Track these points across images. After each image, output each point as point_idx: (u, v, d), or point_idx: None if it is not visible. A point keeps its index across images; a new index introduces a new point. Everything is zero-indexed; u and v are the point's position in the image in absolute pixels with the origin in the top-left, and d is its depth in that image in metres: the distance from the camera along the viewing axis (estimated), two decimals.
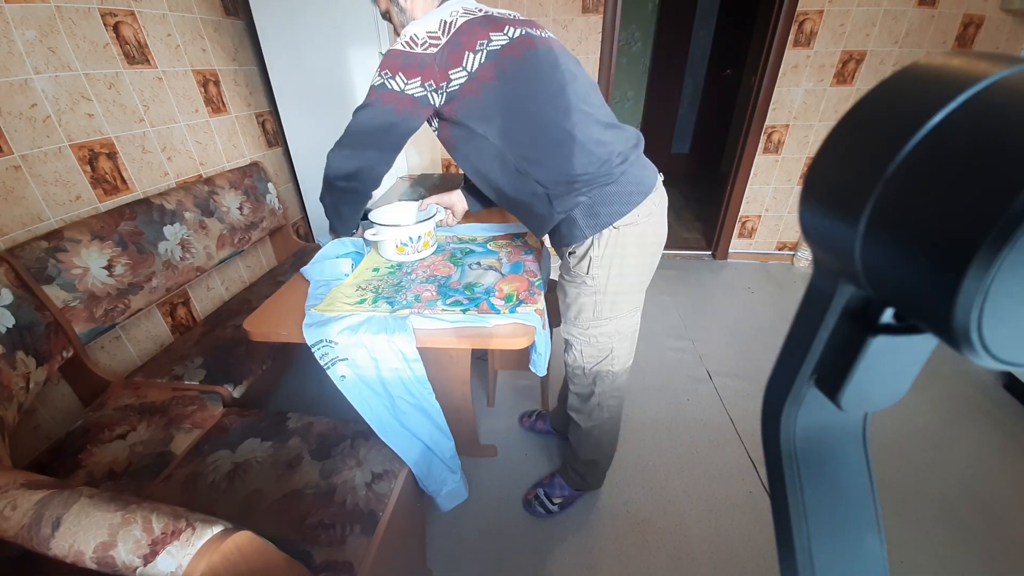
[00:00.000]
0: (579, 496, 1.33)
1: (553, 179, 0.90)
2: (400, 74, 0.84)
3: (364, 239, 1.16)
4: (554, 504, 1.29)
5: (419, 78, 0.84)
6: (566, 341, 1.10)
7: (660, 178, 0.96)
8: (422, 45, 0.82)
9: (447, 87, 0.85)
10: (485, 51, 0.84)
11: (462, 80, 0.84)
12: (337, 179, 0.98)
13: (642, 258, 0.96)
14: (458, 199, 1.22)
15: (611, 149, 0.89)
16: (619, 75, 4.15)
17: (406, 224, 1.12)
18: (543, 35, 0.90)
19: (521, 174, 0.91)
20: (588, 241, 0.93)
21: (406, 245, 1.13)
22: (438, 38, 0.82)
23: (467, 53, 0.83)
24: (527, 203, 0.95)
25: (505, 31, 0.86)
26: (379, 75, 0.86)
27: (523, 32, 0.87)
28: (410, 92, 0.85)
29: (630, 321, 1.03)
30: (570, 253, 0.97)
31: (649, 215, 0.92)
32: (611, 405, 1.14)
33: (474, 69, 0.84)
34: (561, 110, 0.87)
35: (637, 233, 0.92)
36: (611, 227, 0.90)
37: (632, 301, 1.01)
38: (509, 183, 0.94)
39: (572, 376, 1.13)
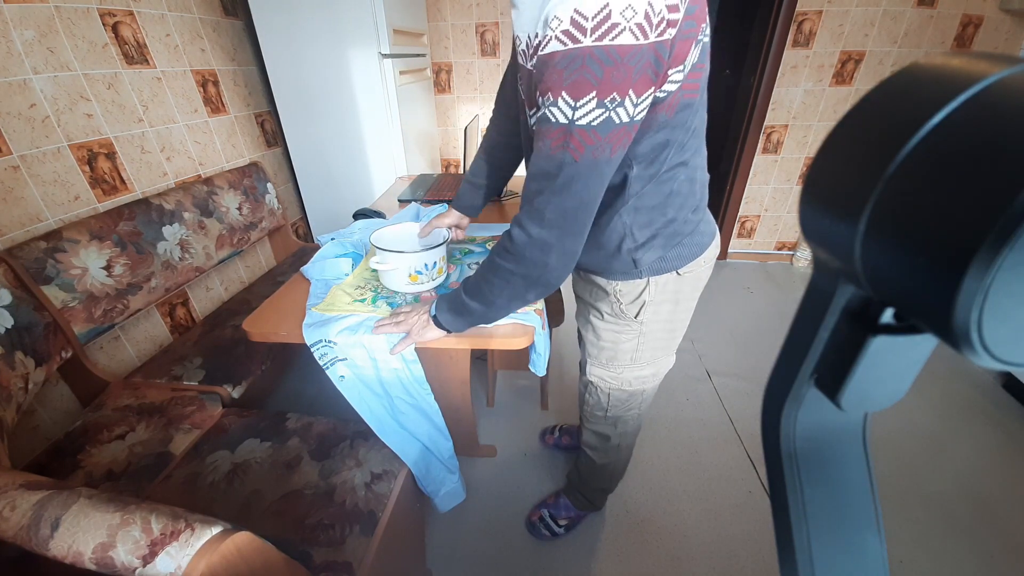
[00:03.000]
0: (584, 516, 1.29)
1: (645, 222, 0.70)
2: (632, 91, 0.50)
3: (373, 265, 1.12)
4: (560, 526, 1.25)
5: (653, 87, 0.52)
6: (588, 383, 0.99)
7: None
8: (658, 27, 0.48)
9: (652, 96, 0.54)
10: (702, 44, 0.56)
11: (673, 87, 0.55)
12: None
13: (694, 300, 0.85)
14: (457, 217, 1.07)
15: (701, 190, 0.74)
16: None
17: (416, 251, 0.92)
18: None
19: (618, 217, 0.70)
20: (643, 282, 0.78)
21: (420, 273, 0.95)
22: (676, 8, 0.49)
23: (692, 44, 0.53)
24: (598, 252, 0.76)
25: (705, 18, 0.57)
26: (596, 104, 0.50)
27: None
28: (639, 116, 0.53)
29: (668, 361, 0.93)
30: (617, 290, 0.81)
31: (709, 260, 0.81)
32: (630, 443, 1.10)
33: (688, 71, 0.55)
34: (700, 143, 0.68)
35: (695, 277, 0.80)
36: (674, 272, 0.77)
37: (676, 343, 0.90)
38: (595, 224, 0.70)
39: (590, 416, 1.04)
